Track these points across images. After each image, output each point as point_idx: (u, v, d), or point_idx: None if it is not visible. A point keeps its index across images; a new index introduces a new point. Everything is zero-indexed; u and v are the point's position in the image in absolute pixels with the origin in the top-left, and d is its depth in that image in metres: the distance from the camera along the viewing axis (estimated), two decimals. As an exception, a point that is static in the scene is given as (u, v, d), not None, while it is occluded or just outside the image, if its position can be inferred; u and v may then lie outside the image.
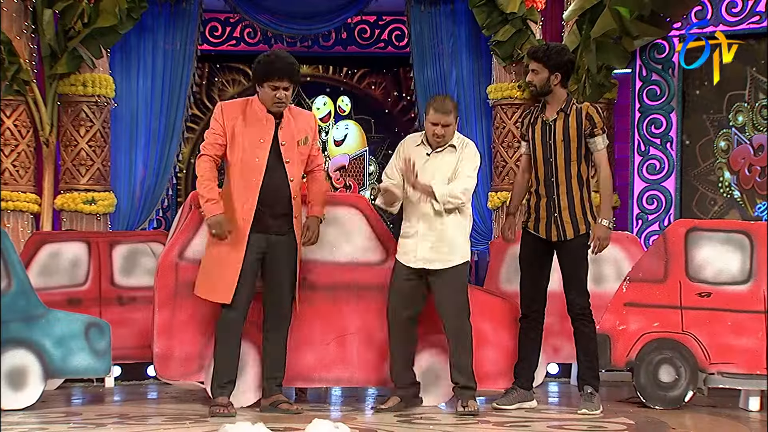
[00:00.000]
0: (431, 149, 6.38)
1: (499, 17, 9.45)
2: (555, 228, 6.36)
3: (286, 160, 6.14)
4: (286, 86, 6.12)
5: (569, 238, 6.34)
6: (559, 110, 6.36)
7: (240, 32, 11.44)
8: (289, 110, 6.29)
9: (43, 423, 5.97)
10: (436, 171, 6.33)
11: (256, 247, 6.12)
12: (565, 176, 6.34)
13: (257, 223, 6.10)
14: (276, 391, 6.26)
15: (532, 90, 6.46)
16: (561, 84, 6.37)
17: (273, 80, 6.09)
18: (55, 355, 6.57)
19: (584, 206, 6.39)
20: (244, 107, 6.21)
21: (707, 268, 6.79)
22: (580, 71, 9.43)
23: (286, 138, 6.18)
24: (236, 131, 6.13)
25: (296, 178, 6.20)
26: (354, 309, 6.56)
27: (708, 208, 9.27)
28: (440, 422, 6.00)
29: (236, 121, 6.15)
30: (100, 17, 9.02)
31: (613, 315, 6.84)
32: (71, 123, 9.33)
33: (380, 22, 11.60)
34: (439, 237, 6.32)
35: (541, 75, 6.33)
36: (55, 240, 7.95)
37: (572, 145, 6.30)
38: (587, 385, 6.39)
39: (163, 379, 6.62)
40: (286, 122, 6.21)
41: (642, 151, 9.52)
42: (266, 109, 6.18)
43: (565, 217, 6.33)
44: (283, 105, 6.15)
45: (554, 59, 6.30)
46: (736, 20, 9.16)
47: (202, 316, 6.42)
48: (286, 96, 6.15)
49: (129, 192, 9.68)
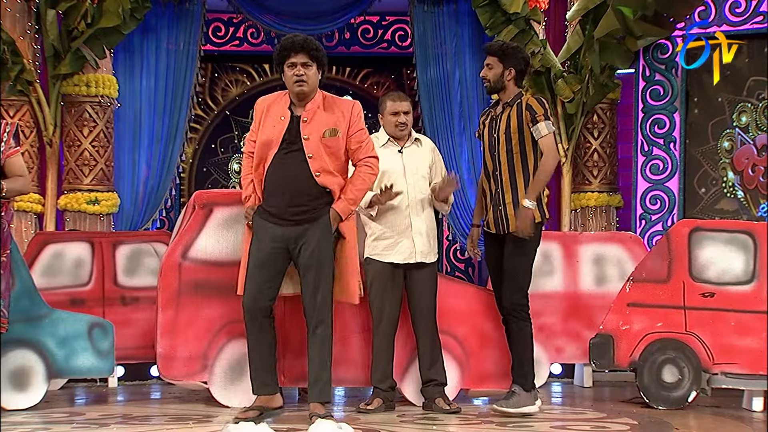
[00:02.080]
0: (399, 146, 6.50)
1: (502, 17, 9.45)
2: (500, 221, 6.35)
3: (309, 154, 5.86)
4: (303, 61, 5.88)
5: (511, 230, 6.29)
6: (505, 105, 6.40)
7: (243, 32, 11.44)
8: (323, 99, 6.01)
9: (46, 423, 5.97)
10: (417, 168, 6.46)
11: (281, 240, 5.92)
12: (508, 169, 6.32)
13: (279, 219, 5.92)
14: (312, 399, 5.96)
15: (486, 85, 6.48)
16: (515, 81, 6.41)
17: (289, 57, 5.90)
18: (59, 355, 6.58)
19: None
20: (274, 100, 6.03)
21: (710, 269, 6.79)
22: (583, 71, 9.43)
23: (310, 131, 5.90)
24: (259, 128, 5.99)
25: (324, 172, 5.88)
26: (357, 310, 6.54)
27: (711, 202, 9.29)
28: (443, 422, 6.00)
29: (263, 114, 6.00)
30: (103, 17, 9.03)
31: (616, 315, 6.84)
32: (74, 123, 9.34)
33: (383, 22, 11.59)
34: (430, 231, 6.47)
35: (495, 70, 6.38)
36: (58, 240, 7.97)
37: (513, 137, 6.29)
38: (515, 384, 6.29)
39: (167, 379, 6.63)
40: (312, 114, 5.94)
41: (645, 151, 9.52)
42: (289, 103, 5.97)
43: (508, 210, 6.31)
44: (305, 84, 5.87)
45: (509, 55, 6.37)
46: (740, 20, 9.15)
47: (206, 316, 6.44)
48: (307, 74, 5.88)
49: (132, 192, 9.69)
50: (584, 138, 9.75)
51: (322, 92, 6.05)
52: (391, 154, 6.49)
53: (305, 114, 5.94)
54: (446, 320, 6.62)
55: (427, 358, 6.42)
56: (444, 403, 6.35)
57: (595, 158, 9.75)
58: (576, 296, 8.03)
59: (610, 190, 9.79)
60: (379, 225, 6.42)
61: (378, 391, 6.41)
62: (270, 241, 5.92)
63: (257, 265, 5.94)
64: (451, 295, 6.66)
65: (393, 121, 6.50)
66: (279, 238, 5.92)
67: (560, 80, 9.44)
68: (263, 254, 5.94)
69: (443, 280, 6.76)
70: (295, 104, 5.98)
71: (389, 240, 6.40)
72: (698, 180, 9.37)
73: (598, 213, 9.72)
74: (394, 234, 6.40)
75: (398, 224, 6.40)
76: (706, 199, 9.32)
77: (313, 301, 5.90)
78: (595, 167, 9.75)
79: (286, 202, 5.89)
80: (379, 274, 6.40)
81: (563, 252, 8.07)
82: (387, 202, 6.34)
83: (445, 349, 6.58)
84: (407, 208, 6.41)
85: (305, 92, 5.93)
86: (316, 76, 5.96)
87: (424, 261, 6.43)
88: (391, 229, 6.40)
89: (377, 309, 6.40)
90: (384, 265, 6.40)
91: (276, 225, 5.92)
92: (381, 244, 6.42)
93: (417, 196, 6.44)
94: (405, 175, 6.45)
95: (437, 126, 10.03)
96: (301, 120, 5.93)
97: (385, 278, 6.40)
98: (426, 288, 6.44)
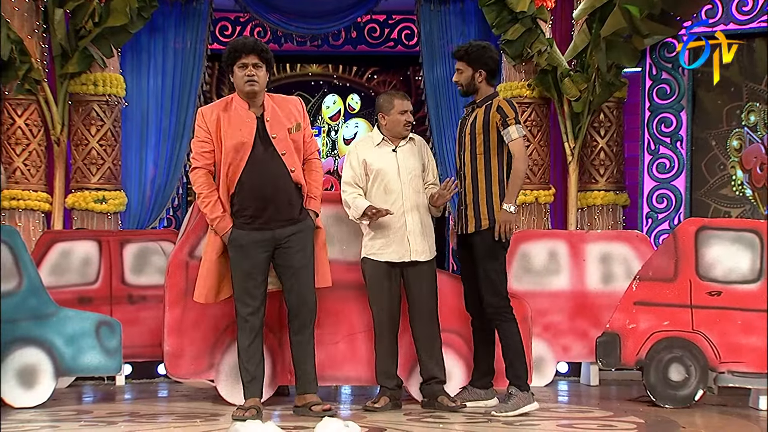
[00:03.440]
0: (394, 145, 6.46)
1: (508, 16, 9.46)
2: (461, 220, 6.38)
3: (282, 152, 6.01)
4: (255, 62, 5.99)
5: (470, 231, 6.31)
6: (475, 105, 6.41)
7: (250, 31, 11.45)
8: (272, 99, 6.15)
9: (54, 421, 5.99)
10: (412, 167, 6.44)
11: (269, 244, 6.07)
12: (471, 169, 6.33)
13: (263, 223, 6.04)
14: (310, 390, 6.16)
15: (459, 89, 6.50)
16: (486, 81, 6.41)
17: (240, 58, 6.00)
18: (66, 354, 6.60)
19: (490, 200, 6.28)
20: (224, 108, 6.08)
21: (717, 267, 6.78)
22: (590, 70, 9.43)
23: (276, 130, 6.03)
24: (221, 135, 6.01)
25: (297, 167, 6.07)
26: (363, 308, 6.55)
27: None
28: (449, 420, 6.00)
29: (218, 124, 6.03)
30: (110, 17, 9.06)
31: (623, 314, 6.84)
32: (82, 122, 9.37)
33: (390, 21, 11.61)
34: (425, 229, 6.44)
35: (465, 74, 6.40)
36: (66, 239, 7.99)
37: (477, 138, 6.30)
38: (510, 385, 6.29)
39: (174, 377, 6.64)
40: (272, 113, 6.06)
41: (652, 149, 9.52)
42: (247, 106, 6.05)
43: (468, 212, 6.32)
44: (256, 84, 5.99)
45: (475, 57, 6.36)
46: (746, 19, 9.15)
47: (213, 314, 6.45)
48: (258, 75, 5.99)
49: (139, 191, 9.72)
50: (591, 137, 9.75)
51: (266, 92, 6.15)
52: (385, 153, 6.46)
53: (267, 113, 6.05)
54: (451, 318, 6.63)
55: (427, 356, 6.41)
56: (448, 401, 6.34)
57: (601, 157, 9.74)
58: (582, 295, 8.03)
59: (616, 189, 9.79)
60: (376, 225, 6.40)
61: (384, 390, 6.42)
62: (258, 249, 6.03)
63: (248, 274, 6.03)
64: (456, 292, 6.66)
65: (402, 120, 6.46)
66: (267, 243, 6.04)
67: (567, 79, 9.43)
68: (252, 263, 6.03)
69: (448, 278, 6.77)
70: (249, 106, 6.06)
71: (384, 239, 6.39)
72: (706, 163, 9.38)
73: (605, 212, 9.72)
74: (389, 233, 6.39)
75: (393, 223, 6.38)
76: (712, 182, 9.33)
77: (307, 300, 6.11)
78: (601, 166, 9.75)
79: (271, 204, 6.00)
80: (375, 273, 6.39)
81: (570, 251, 8.07)
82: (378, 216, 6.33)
83: (450, 346, 6.59)
84: (402, 207, 6.40)
85: (256, 92, 6.04)
86: (266, 77, 6.09)
87: (419, 260, 6.41)
88: (387, 229, 6.38)
89: (377, 308, 6.40)
90: (380, 264, 6.39)
91: (258, 230, 6.03)
92: (377, 243, 6.41)
93: (411, 195, 6.42)
94: (399, 175, 6.43)
95: (443, 125, 10.05)
96: (264, 119, 6.03)
97: (382, 277, 6.39)
98: (423, 286, 6.42)
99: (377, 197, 6.39)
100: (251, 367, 6.04)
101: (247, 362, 6.04)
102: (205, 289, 6.15)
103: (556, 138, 9.97)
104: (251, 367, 6.04)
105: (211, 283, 6.13)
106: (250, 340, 6.03)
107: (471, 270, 6.40)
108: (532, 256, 8.05)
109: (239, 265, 6.03)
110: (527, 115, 9.62)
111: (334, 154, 12.02)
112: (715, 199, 9.33)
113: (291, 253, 6.07)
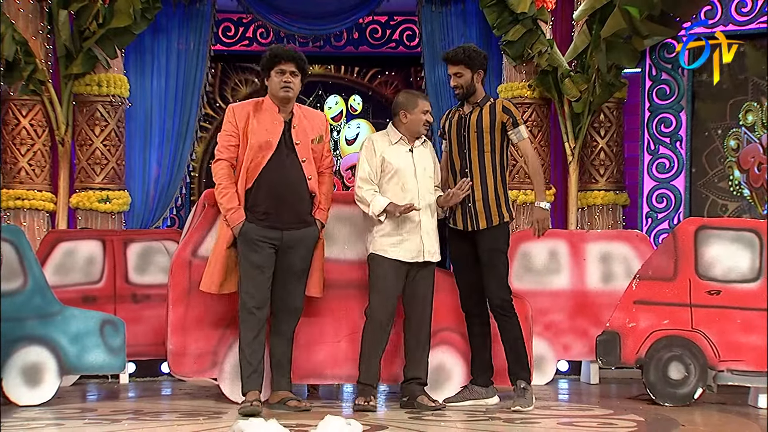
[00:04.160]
0: (410, 145, 6.48)
1: (509, 17, 9.50)
2: (469, 218, 6.42)
3: (302, 158, 6.16)
4: (292, 70, 6.15)
5: (481, 228, 6.38)
6: (474, 104, 6.47)
7: (253, 32, 11.51)
8: (300, 109, 6.31)
9: (58, 419, 6.02)
10: (426, 167, 6.48)
11: (277, 242, 6.15)
12: (479, 167, 6.40)
13: (276, 222, 6.13)
14: (285, 387, 6.29)
15: (458, 93, 6.52)
16: (481, 82, 6.53)
17: (279, 64, 6.13)
18: (71, 352, 6.64)
19: (498, 197, 6.40)
20: (254, 107, 6.23)
21: (717, 266, 6.80)
22: (590, 71, 9.47)
23: (300, 137, 6.19)
24: (248, 131, 6.14)
25: (314, 176, 6.23)
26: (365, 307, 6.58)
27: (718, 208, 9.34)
28: (451, 419, 6.03)
29: (247, 121, 6.17)
30: (114, 18, 9.11)
31: (622, 313, 6.87)
32: (86, 122, 9.41)
33: (392, 22, 11.65)
34: (436, 230, 6.49)
35: (466, 77, 6.46)
36: (70, 238, 8.03)
37: (485, 136, 6.38)
38: (519, 380, 6.34)
39: (177, 375, 6.68)
40: (299, 121, 6.23)
41: (652, 149, 9.55)
42: (277, 110, 6.19)
43: (478, 208, 6.39)
44: (291, 90, 6.15)
45: (474, 59, 6.45)
46: (746, 20, 9.18)
47: (216, 313, 6.48)
48: (294, 82, 6.16)
49: (143, 190, 9.76)
50: (591, 137, 9.79)
51: (294, 102, 6.31)
52: (402, 152, 6.47)
53: (294, 120, 6.21)
54: (451, 316, 6.66)
55: (416, 356, 6.42)
56: (429, 401, 6.33)
57: (601, 157, 9.78)
58: (583, 294, 8.06)
59: (616, 189, 9.83)
60: (389, 222, 6.41)
61: (369, 388, 6.35)
62: (268, 244, 6.12)
63: (257, 267, 6.10)
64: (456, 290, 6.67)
65: (423, 120, 6.47)
66: (275, 241, 6.13)
67: (567, 79, 9.47)
68: (262, 257, 6.11)
69: (449, 277, 6.79)
70: (279, 110, 6.19)
71: (398, 237, 6.41)
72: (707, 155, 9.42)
73: (605, 211, 9.76)
74: (403, 232, 6.40)
75: (408, 222, 6.41)
76: (712, 174, 9.36)
77: (298, 302, 6.27)
78: (601, 166, 9.79)
79: (284, 205, 6.11)
80: (384, 270, 6.38)
81: (570, 250, 8.10)
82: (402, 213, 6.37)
83: (449, 344, 6.63)
84: (417, 206, 6.43)
85: (290, 98, 6.20)
86: (299, 86, 6.24)
87: (430, 260, 6.44)
88: (401, 227, 6.40)
89: (379, 305, 6.36)
90: (390, 261, 6.38)
91: (270, 228, 6.11)
92: (389, 241, 6.39)
93: (426, 196, 6.45)
94: (416, 174, 6.45)
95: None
96: (292, 125, 6.17)
97: (390, 275, 6.37)
98: (427, 287, 6.44)
99: (394, 196, 6.38)
100: (254, 360, 6.08)
101: (250, 355, 6.07)
102: (211, 279, 6.22)
103: (557, 138, 10.01)
104: (254, 361, 6.08)
105: (219, 274, 6.20)
106: (255, 332, 6.07)
107: (471, 267, 6.45)
108: (532, 255, 8.08)
109: (248, 258, 6.10)
110: (528, 115, 9.67)
111: (336, 155, 12.06)
112: (714, 191, 9.37)
113: (293, 257, 6.17)
